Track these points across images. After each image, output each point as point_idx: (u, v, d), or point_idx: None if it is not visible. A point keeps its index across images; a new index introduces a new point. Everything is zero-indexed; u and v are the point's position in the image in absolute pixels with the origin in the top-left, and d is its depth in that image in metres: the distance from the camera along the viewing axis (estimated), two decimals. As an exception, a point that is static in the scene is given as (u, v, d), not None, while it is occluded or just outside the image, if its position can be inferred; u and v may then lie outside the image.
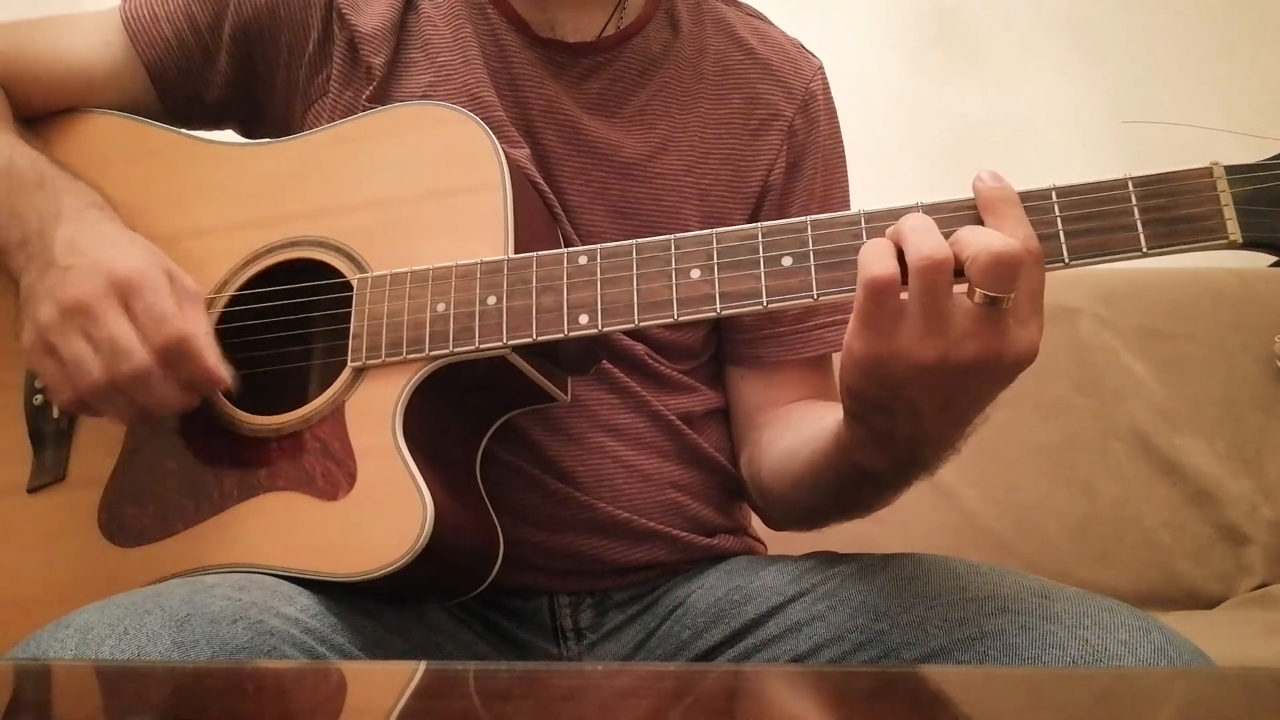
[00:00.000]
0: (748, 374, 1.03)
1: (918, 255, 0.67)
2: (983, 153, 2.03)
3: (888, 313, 0.68)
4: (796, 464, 0.89)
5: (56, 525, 0.88)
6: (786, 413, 0.99)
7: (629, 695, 0.58)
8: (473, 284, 0.83)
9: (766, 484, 0.96)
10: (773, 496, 0.96)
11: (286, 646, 0.72)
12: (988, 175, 0.71)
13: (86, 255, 0.83)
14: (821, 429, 0.84)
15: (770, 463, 0.95)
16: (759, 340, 1.01)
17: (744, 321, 1.02)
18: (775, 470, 0.94)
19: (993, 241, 0.67)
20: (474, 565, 0.87)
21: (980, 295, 0.66)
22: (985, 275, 0.66)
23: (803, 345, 1.01)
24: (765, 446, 0.97)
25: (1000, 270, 0.66)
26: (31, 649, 0.68)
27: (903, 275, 0.68)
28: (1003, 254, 0.66)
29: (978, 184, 0.72)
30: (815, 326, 1.01)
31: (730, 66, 1.03)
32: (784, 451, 0.93)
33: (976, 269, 0.66)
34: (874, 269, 0.68)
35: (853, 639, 0.81)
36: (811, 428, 0.88)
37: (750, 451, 1.00)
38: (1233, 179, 0.70)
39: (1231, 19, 2.10)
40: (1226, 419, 1.72)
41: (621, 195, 0.97)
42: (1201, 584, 1.66)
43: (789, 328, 1.01)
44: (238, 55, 0.99)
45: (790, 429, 0.95)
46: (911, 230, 0.69)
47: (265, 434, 0.85)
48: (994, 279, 0.66)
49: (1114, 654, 0.70)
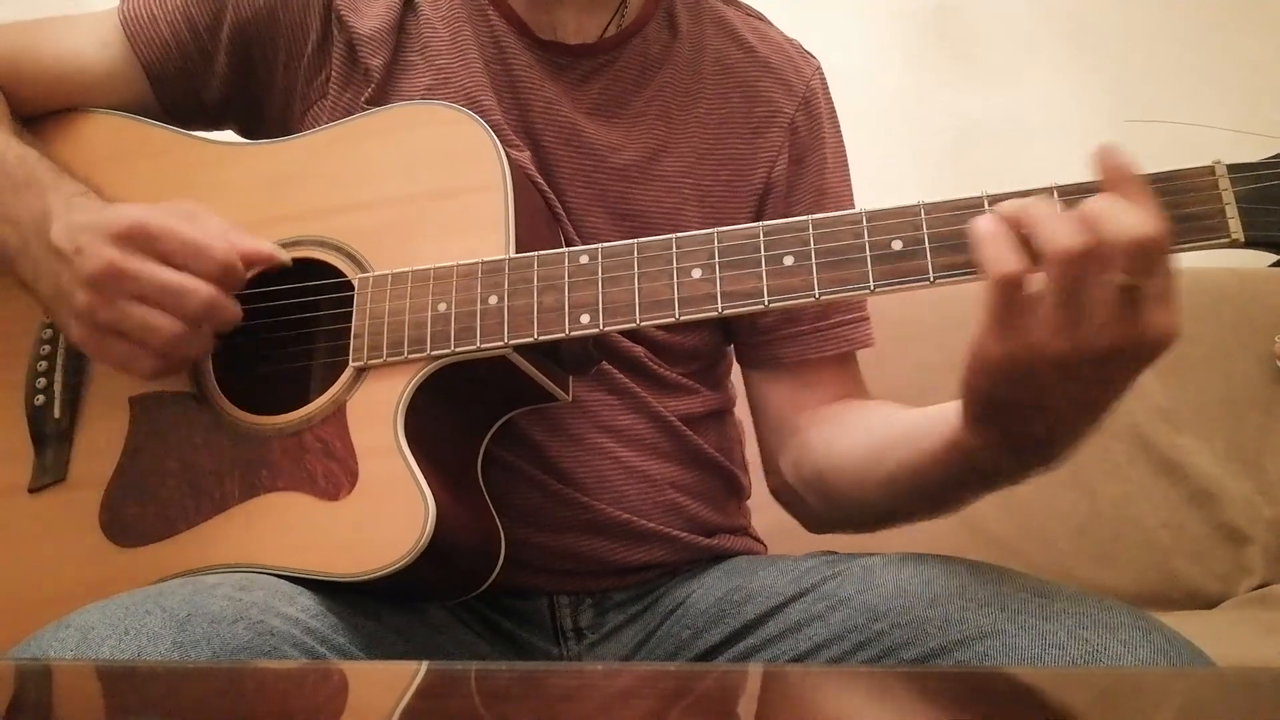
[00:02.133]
0: (772, 377, 1.02)
1: (1059, 248, 0.63)
2: (983, 153, 2.03)
3: (1019, 309, 0.65)
4: (886, 467, 0.84)
5: (57, 525, 0.88)
6: (836, 413, 0.97)
7: (629, 695, 0.58)
8: (474, 283, 0.83)
9: (833, 486, 0.93)
10: (840, 499, 0.93)
11: (287, 647, 0.72)
12: (1110, 151, 0.67)
13: (86, 231, 0.83)
14: (924, 435, 0.79)
15: (838, 465, 0.91)
16: (777, 341, 1.01)
17: (761, 323, 1.01)
18: (848, 474, 0.90)
19: (1133, 226, 0.63)
20: (475, 565, 0.87)
21: (1121, 280, 0.63)
22: (1127, 261, 0.63)
23: (823, 344, 1.00)
24: (821, 448, 0.94)
25: (1142, 255, 0.63)
26: (32, 649, 0.68)
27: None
28: (1145, 240, 0.63)
29: (1103, 158, 0.66)
30: (835, 325, 1.00)
31: (730, 66, 1.03)
32: (862, 453, 0.89)
33: (1118, 255, 0.63)
34: (1003, 265, 0.65)
35: (853, 639, 0.81)
36: (897, 429, 0.85)
37: (797, 455, 0.98)
38: (1234, 177, 0.70)
39: (1231, 19, 2.10)
40: (1226, 419, 1.73)
41: (621, 197, 0.97)
42: (1201, 584, 1.67)
43: (809, 326, 1.00)
44: (236, 56, 0.99)
45: (856, 430, 0.92)
46: (1043, 218, 0.65)
47: (267, 433, 0.85)
48: (1136, 264, 0.63)
49: (1114, 654, 0.70)
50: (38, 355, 0.94)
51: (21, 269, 0.88)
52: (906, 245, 0.74)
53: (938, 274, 0.73)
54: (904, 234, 0.74)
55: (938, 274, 0.73)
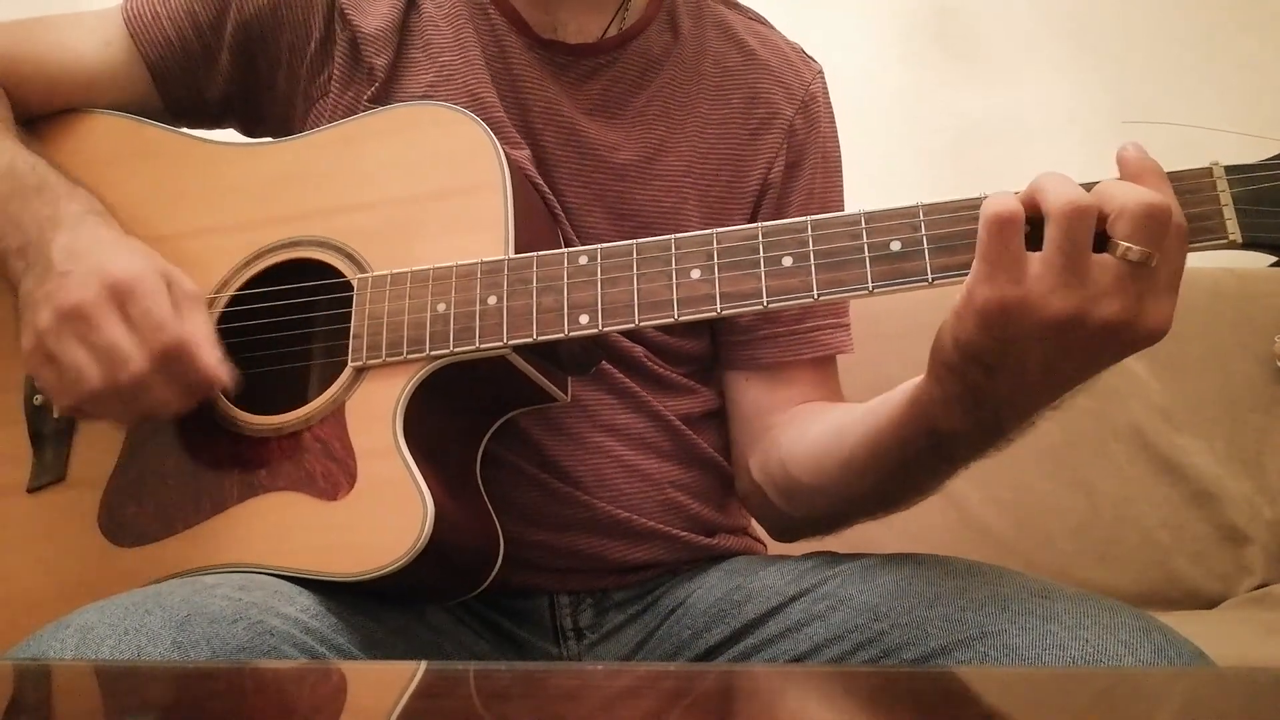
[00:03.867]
0: (749, 377, 1.02)
1: (1060, 199, 0.64)
2: (983, 153, 2.03)
3: (1012, 253, 0.65)
4: (847, 444, 0.85)
5: (56, 525, 0.88)
6: (806, 412, 0.98)
7: (629, 695, 0.58)
8: (473, 284, 0.83)
9: (795, 478, 0.93)
10: (801, 491, 0.93)
11: (287, 647, 0.72)
12: (1133, 147, 0.68)
13: (83, 261, 0.83)
14: (884, 403, 0.81)
15: (802, 453, 0.92)
16: (756, 342, 1.01)
17: (740, 324, 1.01)
18: (810, 459, 0.91)
19: (1143, 193, 0.64)
20: (474, 565, 0.87)
21: (1126, 250, 0.64)
22: (1135, 227, 0.64)
23: (801, 346, 1.00)
24: (786, 444, 0.95)
25: (1151, 223, 0.64)
26: (32, 649, 0.68)
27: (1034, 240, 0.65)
28: (1155, 205, 0.64)
29: (1125, 154, 0.68)
30: (813, 329, 1.00)
31: (730, 68, 1.03)
32: (825, 436, 0.90)
33: (1125, 220, 0.64)
34: (994, 205, 0.66)
35: (853, 639, 0.81)
36: (861, 409, 0.85)
37: (764, 454, 0.98)
38: (1232, 179, 0.70)
39: (1231, 19, 2.10)
40: (1226, 419, 1.72)
41: (620, 197, 0.97)
42: (1201, 584, 1.67)
43: (787, 329, 1.00)
44: (239, 55, 0.99)
45: (823, 418, 0.93)
46: (1050, 180, 0.66)
47: (266, 434, 0.85)
48: (1145, 232, 0.63)
49: (1114, 654, 0.70)
50: (37, 355, 0.94)
51: (12, 268, 0.87)
52: (905, 246, 0.74)
53: (936, 275, 0.73)
54: (903, 235, 0.74)
55: (936, 275, 0.73)
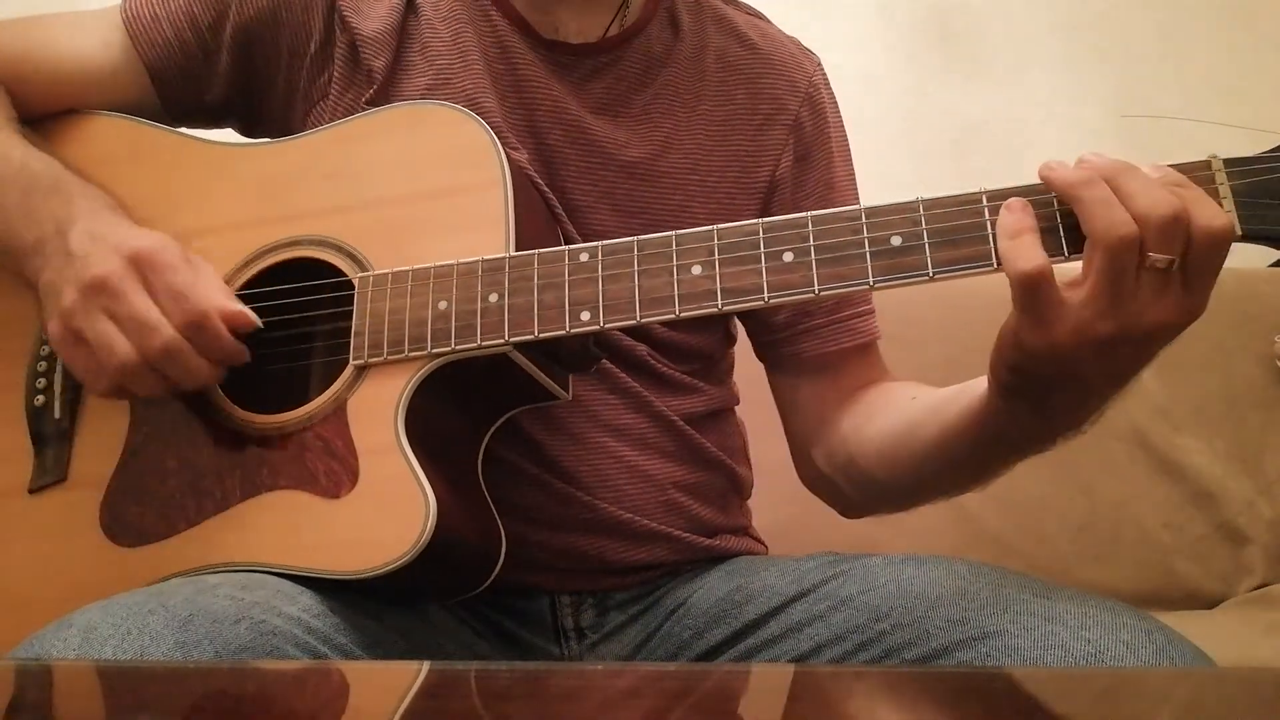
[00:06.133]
0: (795, 372, 1.03)
1: (1110, 234, 0.65)
2: (983, 152, 2.03)
3: (1051, 302, 0.67)
4: (914, 446, 0.88)
5: (58, 526, 0.88)
6: (863, 399, 0.99)
7: (630, 695, 0.58)
8: (474, 281, 0.83)
9: (866, 471, 0.95)
10: (873, 482, 0.95)
11: (289, 646, 0.72)
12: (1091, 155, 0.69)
13: (103, 242, 0.84)
14: (950, 404, 0.83)
15: (873, 450, 0.94)
16: (795, 337, 1.01)
17: (775, 321, 1.02)
18: (880, 456, 0.93)
19: (1158, 202, 0.65)
20: (476, 563, 0.86)
21: (1155, 260, 0.65)
22: (1159, 236, 0.65)
23: (840, 336, 1.01)
24: (851, 434, 0.96)
25: (1175, 228, 0.65)
26: (34, 649, 0.68)
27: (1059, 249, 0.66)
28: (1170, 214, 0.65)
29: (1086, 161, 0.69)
30: (851, 316, 1.01)
31: (732, 63, 1.03)
32: (890, 435, 0.92)
33: (1151, 233, 0.65)
34: (1021, 264, 0.67)
35: (854, 639, 0.81)
36: (923, 408, 0.87)
37: (828, 444, 1.00)
38: (1231, 172, 0.70)
39: (1231, 19, 2.10)
40: (1226, 419, 1.72)
41: (628, 195, 0.97)
42: (1201, 584, 1.67)
43: (824, 320, 1.01)
44: (238, 56, 0.99)
45: (883, 413, 0.94)
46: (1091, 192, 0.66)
47: (267, 432, 0.85)
48: (1166, 239, 0.65)
49: (1116, 655, 0.70)
50: (38, 355, 0.94)
51: (31, 266, 0.88)
52: (906, 241, 0.74)
53: (937, 269, 0.73)
54: (903, 230, 0.74)
55: (937, 269, 0.73)
